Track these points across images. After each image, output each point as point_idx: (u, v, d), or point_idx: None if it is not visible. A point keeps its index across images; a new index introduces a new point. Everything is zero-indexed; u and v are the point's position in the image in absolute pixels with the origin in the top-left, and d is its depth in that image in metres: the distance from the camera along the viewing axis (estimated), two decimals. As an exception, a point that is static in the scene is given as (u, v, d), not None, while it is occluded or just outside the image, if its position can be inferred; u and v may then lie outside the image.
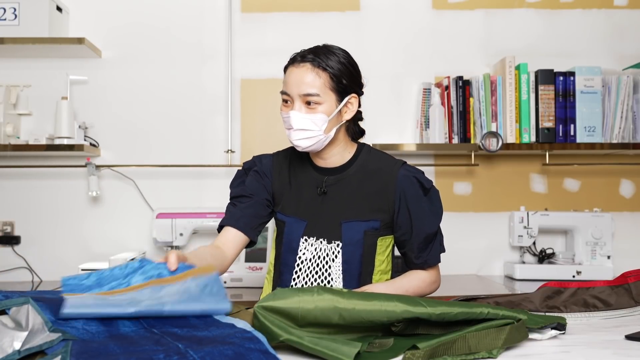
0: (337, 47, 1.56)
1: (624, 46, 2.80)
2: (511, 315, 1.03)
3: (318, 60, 1.49)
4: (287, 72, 1.53)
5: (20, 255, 2.66)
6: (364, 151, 1.64)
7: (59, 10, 2.59)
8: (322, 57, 1.49)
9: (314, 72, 1.48)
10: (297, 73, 1.49)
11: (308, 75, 1.48)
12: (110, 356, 0.82)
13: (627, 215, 2.80)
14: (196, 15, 2.74)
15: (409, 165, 1.62)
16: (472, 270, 2.78)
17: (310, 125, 1.49)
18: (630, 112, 2.59)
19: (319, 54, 1.50)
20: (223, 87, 2.73)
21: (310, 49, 1.53)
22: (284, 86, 1.53)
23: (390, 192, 1.57)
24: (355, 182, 1.59)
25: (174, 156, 2.71)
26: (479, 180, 2.79)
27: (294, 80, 1.49)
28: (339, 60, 1.52)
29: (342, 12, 2.77)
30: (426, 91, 2.67)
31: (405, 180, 1.57)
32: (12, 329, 0.88)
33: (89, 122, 2.68)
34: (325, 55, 1.50)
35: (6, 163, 2.65)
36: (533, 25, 2.79)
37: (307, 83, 1.48)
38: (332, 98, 1.50)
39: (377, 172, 1.59)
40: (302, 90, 1.48)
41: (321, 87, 1.48)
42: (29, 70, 2.68)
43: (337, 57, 1.52)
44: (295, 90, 1.49)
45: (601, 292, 1.34)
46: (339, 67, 1.51)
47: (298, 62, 1.50)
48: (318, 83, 1.48)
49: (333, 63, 1.50)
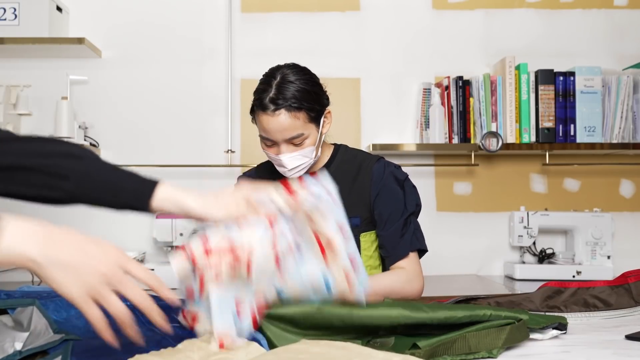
0: (292, 71, 1.53)
1: (624, 46, 2.80)
2: (512, 316, 1.03)
3: (290, 102, 1.47)
4: (261, 120, 1.50)
5: (20, 255, 2.66)
6: (341, 152, 1.67)
7: (59, 10, 2.59)
8: (292, 97, 1.47)
9: (292, 116, 1.48)
10: (276, 122, 1.48)
11: (287, 122, 1.48)
12: (111, 355, 0.82)
13: (627, 215, 2.80)
14: (196, 15, 2.74)
15: (384, 160, 1.65)
16: (472, 270, 2.78)
17: (303, 160, 1.53)
18: (630, 112, 2.59)
19: (285, 94, 1.47)
20: (223, 87, 2.73)
21: (274, 90, 1.48)
22: (262, 132, 1.52)
23: (367, 187, 1.60)
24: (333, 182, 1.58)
25: (174, 156, 2.71)
26: (479, 180, 2.79)
27: (275, 129, 1.48)
28: (305, 90, 1.50)
29: (342, 12, 2.77)
30: (426, 91, 2.67)
31: (380, 174, 1.61)
32: (11, 328, 0.88)
33: (89, 122, 2.68)
34: (293, 92, 1.48)
35: (6, 163, 2.65)
36: (533, 25, 2.79)
37: (289, 129, 1.48)
38: (312, 127, 1.53)
39: (354, 169, 1.63)
40: (287, 136, 1.49)
41: (302, 125, 1.50)
42: (29, 70, 2.68)
43: (300, 86, 1.50)
44: (280, 136, 1.49)
45: (601, 292, 1.34)
46: (308, 98, 1.50)
47: (272, 111, 1.47)
48: (299, 124, 1.49)
49: (302, 95, 1.48)
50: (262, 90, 1.52)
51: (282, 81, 1.50)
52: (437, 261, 2.71)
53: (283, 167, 1.54)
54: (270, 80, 1.52)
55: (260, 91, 1.53)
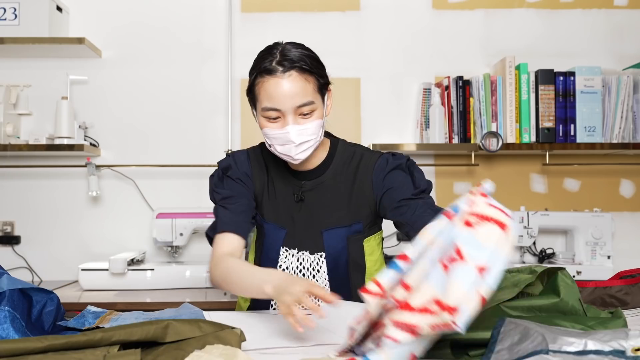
0: (290, 44, 1.41)
1: (624, 46, 2.80)
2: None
3: (300, 64, 1.34)
4: (266, 87, 1.35)
5: (20, 255, 2.66)
6: (339, 149, 1.53)
7: (59, 10, 2.59)
8: (301, 59, 1.35)
9: (303, 79, 1.35)
10: (286, 85, 1.33)
11: (298, 84, 1.34)
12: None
13: (627, 215, 2.80)
14: (196, 15, 2.74)
15: (385, 156, 1.51)
16: (472, 270, 2.77)
17: (311, 134, 1.38)
18: (630, 112, 2.59)
19: (292, 58, 1.35)
20: (223, 87, 2.73)
21: (279, 56, 1.36)
22: (267, 101, 1.36)
23: (368, 187, 1.48)
24: (332, 186, 1.50)
25: (174, 156, 2.71)
26: (479, 180, 2.79)
27: (285, 93, 1.33)
28: (311, 56, 1.39)
29: (342, 12, 2.77)
30: (426, 91, 2.67)
31: (380, 165, 1.48)
32: None
33: (89, 122, 2.68)
34: (300, 56, 1.36)
35: (6, 163, 2.65)
36: (533, 25, 2.79)
37: (300, 94, 1.34)
38: (319, 100, 1.39)
39: (354, 170, 1.50)
40: (297, 102, 1.34)
41: (312, 92, 1.36)
42: (29, 70, 2.69)
43: (305, 52, 1.39)
44: (289, 103, 1.34)
45: (618, 291, 1.37)
46: (316, 64, 1.39)
47: (282, 72, 1.34)
48: (310, 90, 1.35)
49: (310, 60, 1.37)
50: (264, 58, 1.37)
51: (285, 49, 1.38)
52: (437, 261, 2.72)
53: (289, 143, 1.37)
54: (272, 50, 1.39)
55: (262, 59, 1.38)
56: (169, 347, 0.89)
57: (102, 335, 0.85)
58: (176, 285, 2.41)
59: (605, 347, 0.82)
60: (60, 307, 1.09)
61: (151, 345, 0.90)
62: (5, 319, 0.93)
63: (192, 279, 2.41)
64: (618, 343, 0.83)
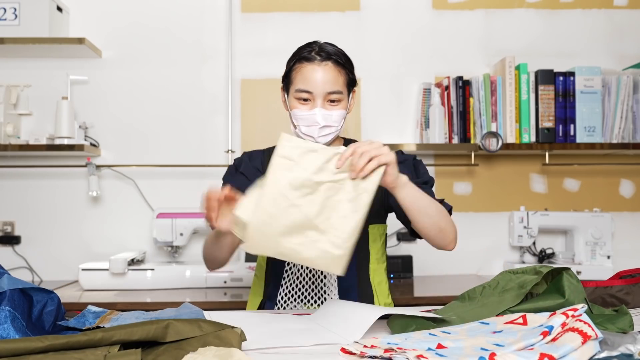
0: (327, 43, 1.58)
1: (624, 46, 2.80)
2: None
3: (336, 57, 1.52)
4: (303, 71, 1.52)
5: (20, 255, 2.66)
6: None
7: (59, 10, 2.59)
8: (337, 54, 1.52)
9: (337, 71, 1.51)
10: (321, 72, 1.50)
11: (332, 73, 1.50)
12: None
13: (627, 215, 2.80)
14: (196, 15, 2.75)
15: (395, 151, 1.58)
16: (472, 270, 2.78)
17: (334, 121, 1.52)
18: (630, 112, 2.59)
19: (330, 52, 1.52)
20: (223, 87, 2.73)
21: (319, 47, 1.54)
22: (302, 84, 1.51)
23: None
24: None
25: (174, 156, 2.71)
26: (479, 180, 2.79)
27: (319, 79, 1.49)
28: (345, 55, 1.56)
29: (342, 12, 2.77)
30: (426, 91, 2.67)
31: None
32: None
33: (89, 122, 2.68)
34: (336, 52, 1.53)
35: (6, 163, 2.65)
36: (533, 25, 2.79)
37: (332, 81, 1.50)
38: (346, 93, 1.55)
39: None
40: (328, 89, 1.50)
41: (342, 84, 1.52)
42: (29, 70, 2.69)
43: (341, 50, 1.56)
44: (321, 88, 1.49)
45: (619, 290, 1.37)
46: (348, 61, 1.56)
47: (319, 61, 1.51)
48: (341, 81, 1.52)
49: (344, 57, 1.54)
50: (304, 49, 1.55)
51: (323, 45, 1.55)
52: (437, 261, 2.72)
53: (314, 125, 1.50)
54: (311, 44, 1.55)
55: (301, 50, 1.55)
56: (169, 346, 0.89)
57: (102, 335, 0.85)
58: (176, 285, 2.41)
59: (614, 352, 0.83)
60: (61, 307, 1.09)
61: (152, 345, 0.90)
62: (5, 318, 0.93)
63: (192, 279, 2.42)
64: (626, 347, 0.84)
